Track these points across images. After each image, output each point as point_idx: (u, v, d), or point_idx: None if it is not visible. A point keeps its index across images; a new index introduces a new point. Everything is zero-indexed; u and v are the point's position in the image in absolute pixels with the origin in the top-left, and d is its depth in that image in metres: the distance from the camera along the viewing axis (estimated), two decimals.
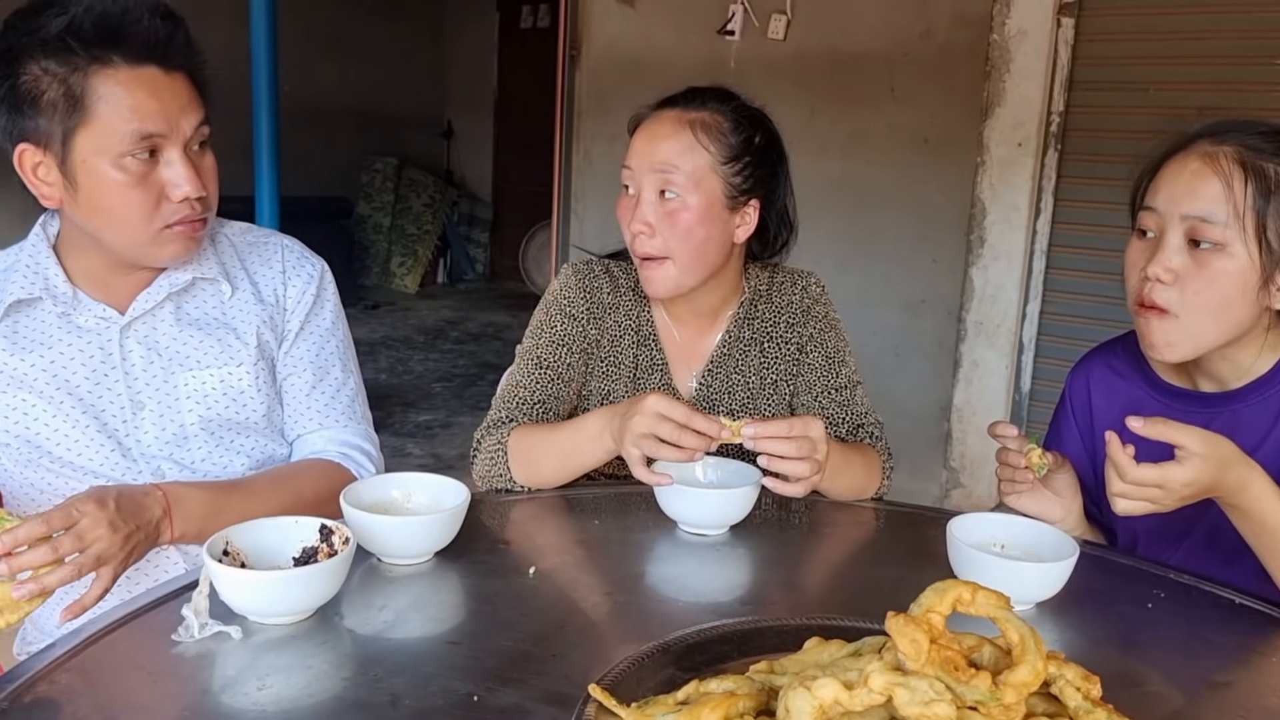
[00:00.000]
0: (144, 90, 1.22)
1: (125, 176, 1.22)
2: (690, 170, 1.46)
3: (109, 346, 1.34)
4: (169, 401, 1.35)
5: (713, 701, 0.78)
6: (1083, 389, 1.53)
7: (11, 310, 1.31)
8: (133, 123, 1.21)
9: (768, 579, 1.23)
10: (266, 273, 1.45)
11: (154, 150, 1.24)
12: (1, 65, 1.21)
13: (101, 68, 1.20)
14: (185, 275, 1.37)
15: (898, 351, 3.82)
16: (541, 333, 1.56)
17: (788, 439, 1.24)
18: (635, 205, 1.49)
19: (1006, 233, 3.52)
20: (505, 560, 1.21)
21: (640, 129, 1.52)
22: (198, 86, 1.30)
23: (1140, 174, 1.34)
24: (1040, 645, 0.77)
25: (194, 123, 1.27)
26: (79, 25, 1.19)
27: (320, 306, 1.48)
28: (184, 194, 1.26)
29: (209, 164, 1.32)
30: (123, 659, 0.93)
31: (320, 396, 1.45)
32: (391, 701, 0.87)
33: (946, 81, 3.59)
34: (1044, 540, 1.18)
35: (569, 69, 4.60)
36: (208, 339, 1.38)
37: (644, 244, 1.48)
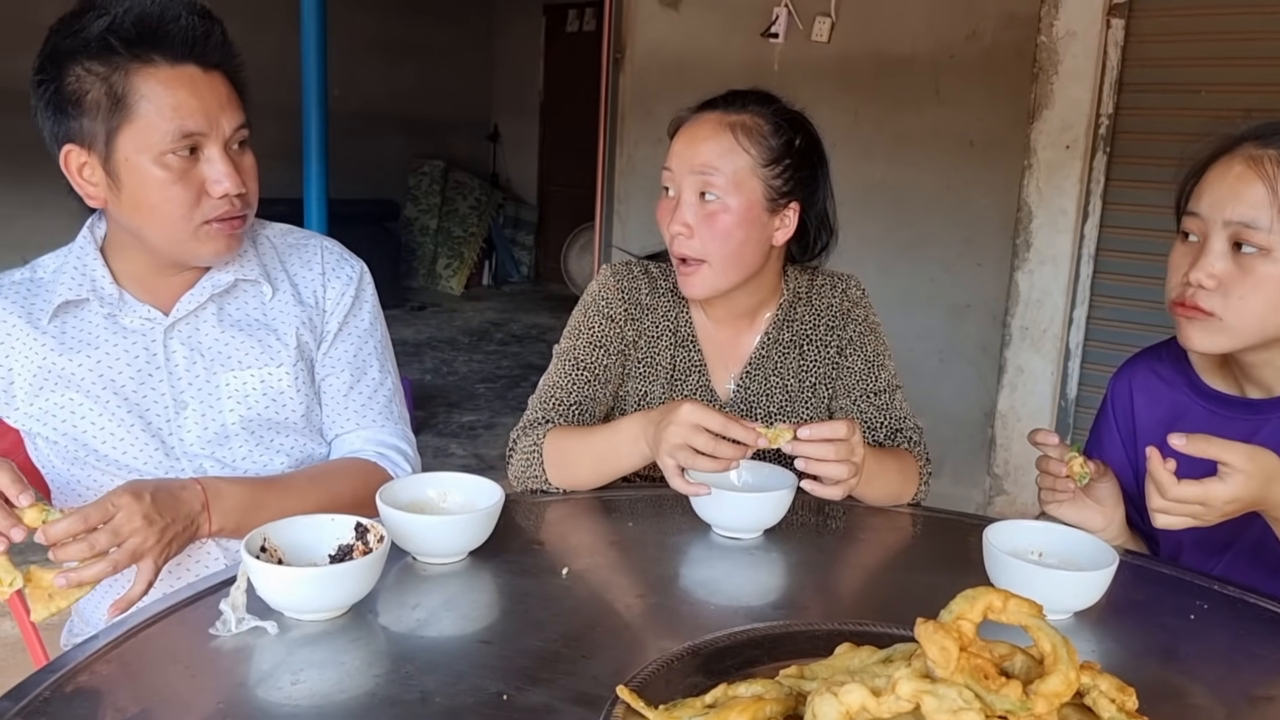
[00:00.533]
0: (184, 89, 1.24)
1: (167, 173, 1.25)
2: (730, 172, 1.46)
3: (153, 347, 1.36)
4: (210, 401, 1.38)
5: (740, 705, 0.78)
6: (1125, 394, 1.51)
7: (60, 311, 1.35)
8: (174, 120, 1.23)
9: (801, 583, 1.23)
10: (306, 274, 1.47)
11: (195, 148, 1.26)
12: (47, 69, 1.25)
13: (143, 66, 1.22)
14: (227, 276, 1.39)
15: (941, 356, 3.78)
16: (579, 333, 1.57)
17: (826, 441, 1.23)
18: (675, 207, 1.49)
19: (1053, 236, 3.47)
20: (539, 560, 1.21)
21: (681, 131, 1.52)
22: (236, 87, 1.32)
23: (1184, 177, 1.32)
24: (1073, 655, 0.76)
25: (234, 122, 1.29)
26: (120, 25, 1.21)
27: (359, 307, 1.49)
28: (224, 190, 1.28)
29: (248, 163, 1.33)
30: (162, 651, 0.95)
31: (358, 397, 1.47)
32: (422, 699, 0.87)
33: (993, 84, 3.55)
34: (1083, 549, 1.16)
35: (613, 72, 4.62)
36: (249, 339, 1.40)
37: (682, 245, 1.48)
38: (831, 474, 1.24)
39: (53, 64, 1.25)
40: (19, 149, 6.42)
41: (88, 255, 1.37)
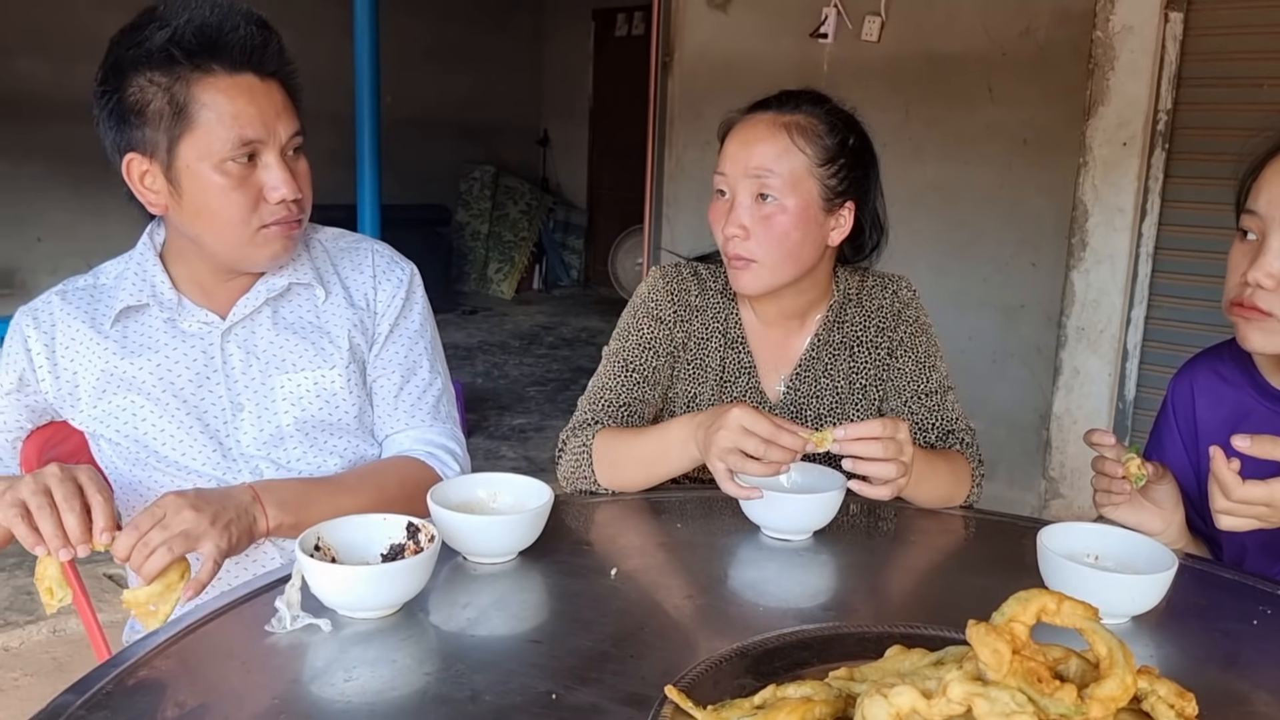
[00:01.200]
0: (243, 97, 1.27)
1: (226, 180, 1.27)
2: (787, 173, 1.45)
3: (211, 350, 1.39)
4: (266, 403, 1.40)
5: (789, 706, 0.78)
6: (1186, 395, 1.48)
7: (121, 316, 1.38)
8: (234, 129, 1.26)
9: (851, 586, 1.22)
10: (358, 277, 1.49)
11: (253, 155, 1.28)
12: (109, 80, 1.28)
13: (203, 76, 1.25)
14: (282, 280, 1.42)
15: (995, 357, 3.73)
16: (628, 335, 1.57)
17: (875, 439, 1.22)
18: (730, 209, 1.48)
19: (1110, 235, 3.41)
20: (587, 561, 1.22)
21: (733, 133, 1.52)
22: (291, 94, 1.34)
23: (1243, 174, 1.29)
24: (1130, 659, 0.74)
25: (289, 129, 1.32)
26: (181, 36, 1.24)
27: (409, 309, 1.51)
28: (281, 196, 1.30)
29: (303, 169, 1.36)
30: (219, 648, 0.97)
31: (407, 398, 1.48)
32: (472, 697, 0.88)
33: (1047, 80, 3.50)
34: (1140, 552, 1.14)
35: (662, 75, 4.63)
36: (303, 342, 1.42)
37: (738, 246, 1.47)
38: (879, 473, 1.23)
39: (115, 75, 1.28)
40: (82, 158, 6.60)
41: (148, 262, 1.40)
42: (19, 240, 6.56)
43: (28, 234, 6.58)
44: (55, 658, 2.68)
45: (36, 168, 6.51)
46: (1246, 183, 1.28)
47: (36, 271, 6.66)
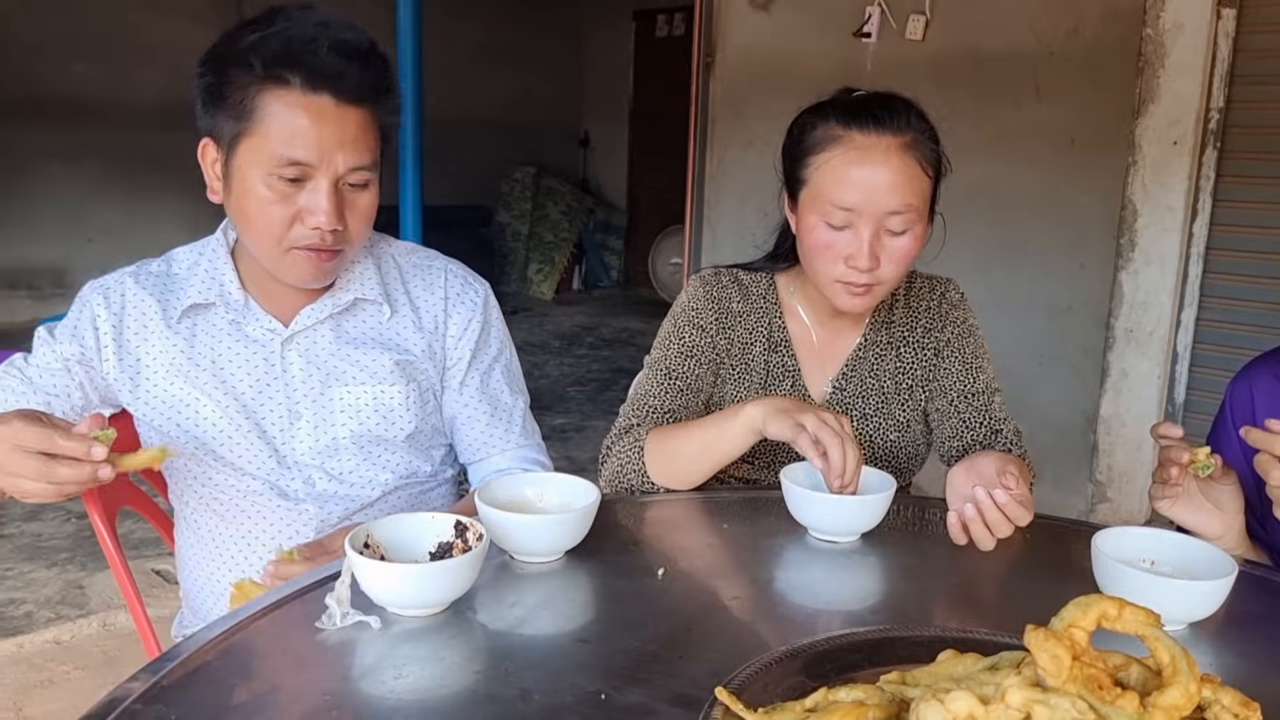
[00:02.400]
0: (308, 118, 1.25)
1: (269, 193, 1.27)
2: (919, 203, 1.41)
3: (272, 358, 1.39)
4: (324, 414, 1.40)
5: (841, 710, 0.77)
6: (1246, 398, 1.45)
7: (189, 312, 1.39)
8: (283, 147, 1.25)
9: (900, 589, 1.20)
10: (429, 298, 1.48)
11: (301, 178, 1.27)
12: (206, 64, 1.29)
13: (275, 87, 1.25)
14: (348, 296, 1.42)
15: (1041, 359, 3.68)
16: (670, 344, 1.56)
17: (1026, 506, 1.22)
18: (855, 242, 1.40)
19: (1160, 236, 3.35)
20: (635, 561, 1.21)
21: (855, 163, 1.40)
22: (378, 128, 1.32)
23: None
24: (1194, 667, 0.72)
25: (352, 162, 1.28)
26: (265, 45, 1.25)
27: (486, 336, 1.51)
28: (317, 223, 1.28)
29: (363, 203, 1.33)
30: (270, 644, 0.98)
31: (498, 425, 1.50)
32: (521, 696, 0.88)
33: (1095, 79, 3.45)
34: (1198, 557, 1.12)
35: (703, 76, 4.62)
36: (364, 357, 1.42)
37: (866, 276, 1.41)
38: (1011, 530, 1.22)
39: (211, 62, 1.29)
40: (135, 161, 6.74)
41: (219, 259, 1.41)
42: (71, 241, 6.69)
43: (80, 235, 6.71)
44: (105, 651, 2.72)
45: (90, 170, 6.63)
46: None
47: (88, 272, 6.72)
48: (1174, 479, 1.26)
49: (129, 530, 3.30)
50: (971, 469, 1.23)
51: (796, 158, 1.47)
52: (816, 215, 1.43)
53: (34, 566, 3.14)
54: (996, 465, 1.22)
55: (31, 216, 6.54)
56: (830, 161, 1.41)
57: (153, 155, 6.78)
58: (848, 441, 1.24)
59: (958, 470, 1.24)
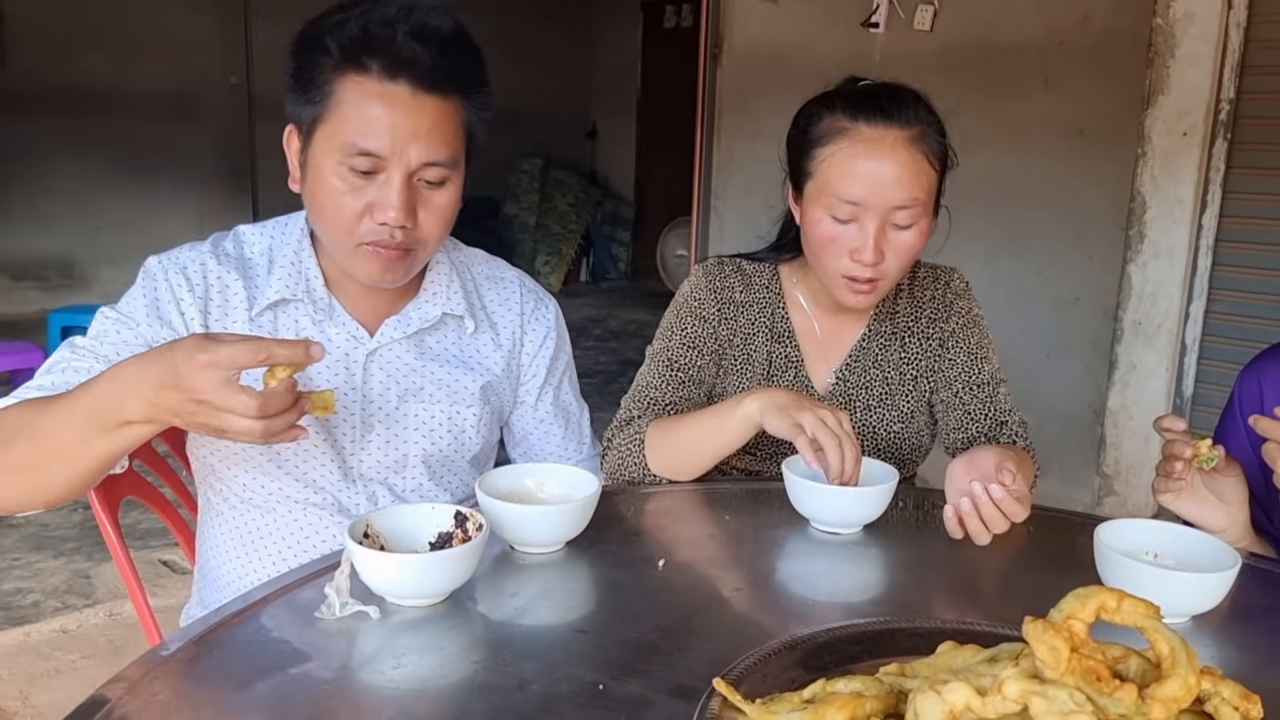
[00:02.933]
0: (382, 106, 1.19)
1: (340, 184, 1.22)
2: (925, 196, 1.40)
3: (353, 368, 1.34)
4: (396, 429, 1.36)
5: (839, 701, 0.77)
6: (1255, 391, 1.44)
7: (272, 306, 1.33)
8: (354, 135, 1.19)
9: (901, 580, 1.20)
10: (505, 313, 1.46)
11: (373, 170, 1.21)
12: (295, 47, 1.25)
13: (352, 73, 1.20)
14: (435, 310, 1.38)
15: (1049, 352, 3.67)
16: (672, 334, 1.56)
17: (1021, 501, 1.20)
18: (861, 236, 1.39)
19: (1169, 228, 3.33)
20: (635, 552, 1.21)
21: (862, 156, 1.38)
22: (464, 122, 1.27)
23: None
24: (1193, 659, 0.72)
25: (426, 155, 1.22)
26: (344, 28, 1.20)
27: (559, 354, 1.51)
28: (384, 219, 1.22)
29: (439, 201, 1.27)
30: (269, 633, 0.97)
31: (572, 438, 1.52)
32: (519, 686, 0.88)
33: (1105, 70, 3.43)
34: (1202, 550, 1.11)
35: (711, 67, 4.60)
36: (446, 376, 1.39)
37: (869, 271, 1.40)
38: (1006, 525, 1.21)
39: (296, 46, 1.24)
40: (141, 152, 6.75)
41: (304, 252, 1.35)
42: (79, 232, 6.71)
43: (87, 226, 6.72)
44: (111, 640, 2.73)
45: (97, 162, 6.65)
46: None
47: (95, 262, 6.80)
48: (1178, 473, 1.25)
49: (136, 520, 3.31)
50: (971, 463, 1.22)
51: (802, 149, 1.45)
52: (822, 208, 1.42)
53: (41, 556, 3.15)
54: (995, 460, 1.21)
55: (39, 208, 6.55)
56: (837, 154, 1.40)
57: (160, 147, 6.80)
58: (846, 441, 1.23)
59: (957, 464, 1.24)
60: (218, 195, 7.05)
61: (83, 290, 6.76)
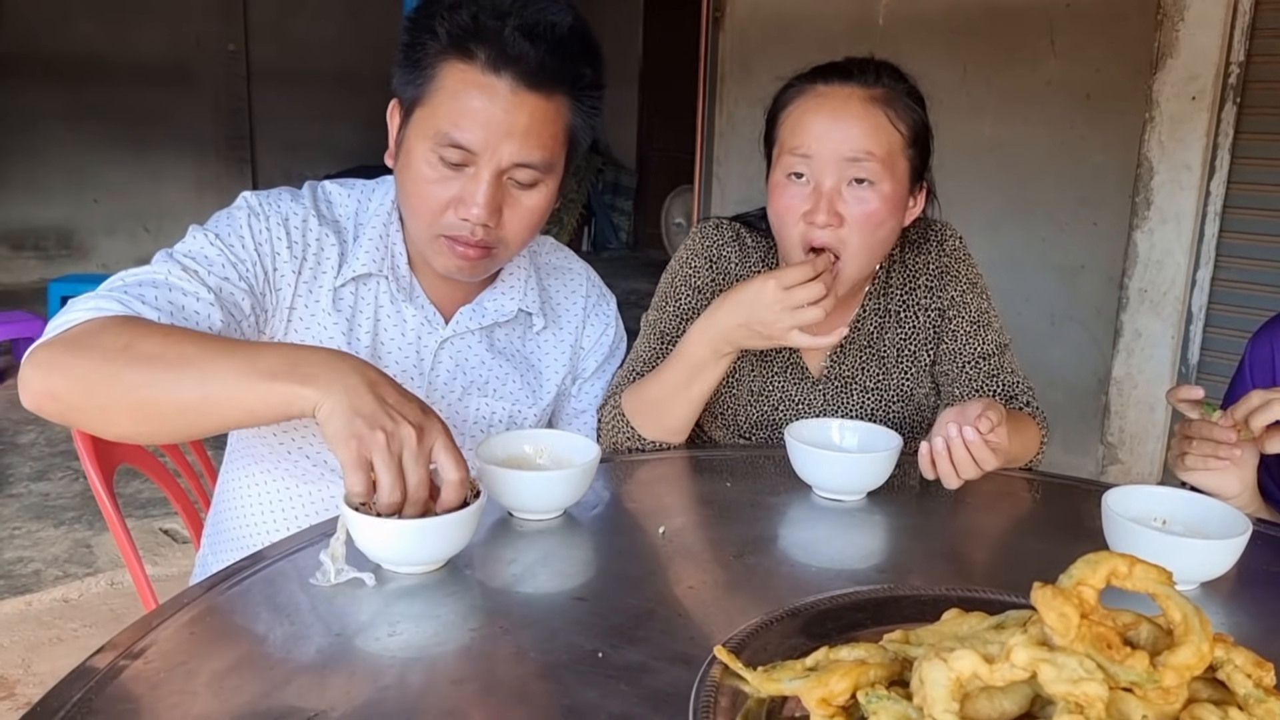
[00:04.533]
0: (480, 99, 1.16)
1: (430, 171, 1.20)
2: (884, 155, 1.34)
3: (424, 353, 1.33)
4: (455, 421, 1.35)
5: (842, 669, 0.75)
6: (1266, 358, 1.42)
7: (354, 279, 1.30)
8: (448, 125, 1.17)
9: (905, 547, 1.18)
10: (570, 307, 1.45)
11: (463, 163, 1.19)
12: (409, 22, 1.22)
13: (457, 60, 1.17)
14: (511, 305, 1.37)
15: (1053, 319, 3.64)
16: (665, 305, 1.53)
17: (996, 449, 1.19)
18: (815, 196, 1.34)
19: (1176, 194, 3.29)
20: (635, 519, 1.20)
21: (812, 108, 1.36)
22: (570, 128, 1.23)
23: None
24: (1206, 626, 0.70)
25: (519, 156, 1.19)
26: (458, 17, 1.17)
27: (614, 352, 1.50)
28: (467, 215, 1.19)
29: (528, 204, 1.24)
30: (263, 600, 0.96)
31: None
32: (517, 654, 0.86)
33: (1112, 33, 3.38)
34: (1210, 516, 1.09)
35: (712, 33, 4.54)
36: (512, 372, 1.38)
37: (824, 236, 1.34)
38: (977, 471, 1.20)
39: (412, 22, 1.21)
40: (138, 121, 6.70)
41: (392, 226, 1.32)
42: (76, 201, 6.68)
43: (84, 195, 6.69)
44: (113, 609, 2.74)
45: (93, 130, 6.61)
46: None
47: (94, 232, 6.78)
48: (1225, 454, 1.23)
49: (137, 490, 3.30)
50: (959, 412, 1.20)
51: (770, 122, 1.44)
52: (780, 170, 1.38)
53: (42, 525, 3.15)
54: (980, 408, 1.19)
55: (36, 177, 6.52)
56: (793, 113, 1.38)
57: (155, 114, 6.75)
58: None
59: (946, 411, 1.23)
60: (216, 164, 7.01)
61: (82, 260, 6.74)
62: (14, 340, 4.76)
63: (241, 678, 0.82)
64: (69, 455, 3.59)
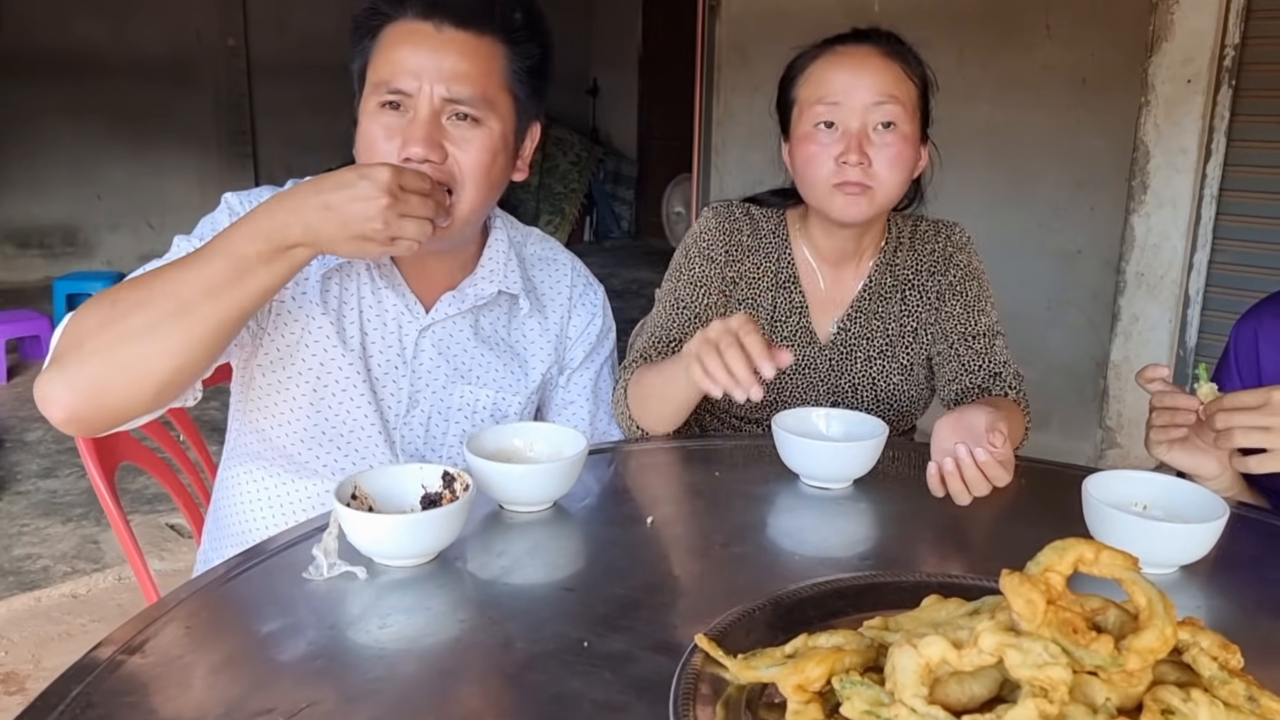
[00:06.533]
0: (411, 43, 1.21)
1: (377, 127, 1.22)
2: (905, 100, 1.44)
3: (406, 341, 1.35)
4: (440, 408, 1.38)
5: (818, 655, 0.77)
6: (1250, 340, 1.43)
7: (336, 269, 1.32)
8: (386, 74, 1.21)
9: (891, 535, 1.20)
10: (555, 296, 1.47)
11: (403, 107, 1.21)
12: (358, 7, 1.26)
13: (395, 20, 1.22)
14: (491, 287, 1.38)
15: (1051, 304, 3.65)
16: (680, 274, 1.57)
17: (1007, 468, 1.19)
18: (845, 139, 1.43)
19: (1172, 177, 3.30)
20: (624, 509, 1.22)
21: (833, 64, 1.46)
22: (514, 70, 1.26)
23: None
24: (1170, 610, 0.72)
25: (449, 91, 1.21)
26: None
27: (602, 340, 1.51)
28: (409, 153, 1.19)
29: (472, 141, 1.23)
30: (257, 594, 0.98)
31: (601, 419, 1.51)
32: (505, 644, 0.88)
33: (1107, 16, 3.38)
34: (1190, 500, 1.11)
35: (709, 21, 4.54)
36: (495, 360, 1.40)
37: (857, 174, 1.42)
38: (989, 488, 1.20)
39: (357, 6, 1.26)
40: (140, 117, 6.71)
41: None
42: (80, 198, 6.69)
43: (88, 192, 6.70)
44: (120, 604, 2.77)
45: (95, 127, 6.62)
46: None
47: (98, 229, 6.80)
48: (1179, 422, 1.25)
49: (144, 485, 3.33)
50: (960, 422, 1.20)
51: (786, 88, 1.52)
52: (807, 123, 1.46)
53: (50, 522, 3.18)
54: (986, 420, 1.19)
55: (39, 175, 6.53)
56: (813, 73, 1.47)
57: (157, 110, 6.76)
58: (726, 344, 1.17)
59: (945, 421, 1.22)
60: (218, 159, 7.02)
61: (87, 257, 6.77)
62: (20, 339, 4.79)
63: (236, 671, 0.84)
64: (75, 453, 3.60)
